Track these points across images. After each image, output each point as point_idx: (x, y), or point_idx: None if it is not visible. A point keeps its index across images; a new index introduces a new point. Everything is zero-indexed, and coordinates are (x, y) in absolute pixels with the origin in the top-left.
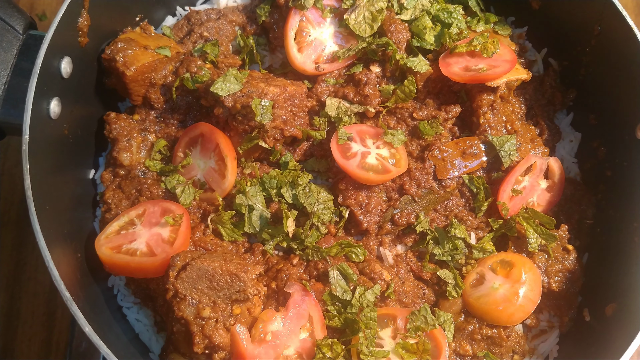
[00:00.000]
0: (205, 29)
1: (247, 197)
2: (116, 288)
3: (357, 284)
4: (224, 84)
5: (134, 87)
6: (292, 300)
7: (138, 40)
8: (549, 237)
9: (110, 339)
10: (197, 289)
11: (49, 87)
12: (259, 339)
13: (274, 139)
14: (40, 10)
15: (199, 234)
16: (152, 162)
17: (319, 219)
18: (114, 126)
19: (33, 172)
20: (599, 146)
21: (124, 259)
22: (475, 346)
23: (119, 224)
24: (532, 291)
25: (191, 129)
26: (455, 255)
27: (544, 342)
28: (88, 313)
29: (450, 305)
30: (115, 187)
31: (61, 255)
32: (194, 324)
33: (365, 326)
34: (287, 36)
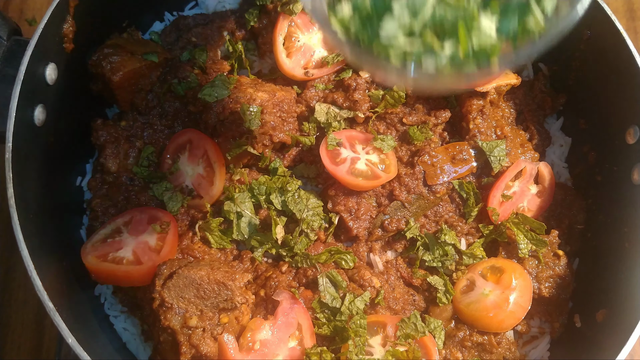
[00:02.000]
0: (194, 35)
1: (236, 203)
2: (103, 296)
3: (347, 291)
4: (212, 89)
5: (121, 94)
6: (280, 308)
7: (125, 46)
8: (539, 243)
9: (96, 349)
10: (184, 297)
11: (33, 94)
12: (247, 348)
13: (263, 145)
14: (30, 15)
15: (186, 242)
16: (140, 169)
17: (308, 225)
18: (101, 133)
19: (17, 180)
20: (589, 151)
21: (110, 267)
22: (466, 353)
23: (105, 232)
24: (523, 297)
25: (179, 135)
26: (445, 261)
27: (535, 349)
28: (72, 323)
29: (440, 312)
30: (102, 194)
31: (45, 265)
32: (180, 333)
33: (354, 334)
34: (276, 41)
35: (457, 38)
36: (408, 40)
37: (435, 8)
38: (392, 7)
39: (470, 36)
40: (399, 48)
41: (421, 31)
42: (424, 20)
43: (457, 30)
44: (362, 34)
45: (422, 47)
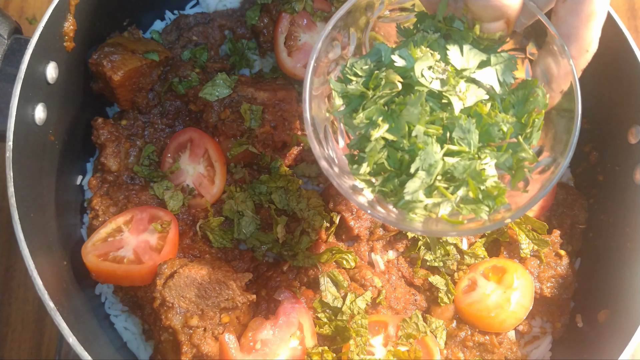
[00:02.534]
0: (195, 33)
1: (237, 203)
2: (104, 296)
3: (348, 291)
4: (213, 88)
5: (122, 92)
6: (282, 307)
7: (126, 44)
8: (541, 243)
9: (96, 349)
10: (185, 297)
11: (34, 93)
12: (248, 347)
13: (264, 144)
14: (31, 14)
15: (187, 241)
16: (140, 168)
17: (309, 224)
18: (102, 132)
19: (17, 179)
20: (591, 150)
21: (111, 266)
22: (468, 353)
23: (106, 231)
24: (524, 297)
25: (180, 134)
26: (447, 261)
27: (536, 349)
28: (73, 323)
29: (442, 311)
30: (102, 193)
31: (46, 264)
32: (181, 332)
33: (356, 333)
34: (277, 40)
35: (466, 185)
36: (425, 194)
37: (444, 162)
38: (410, 170)
39: (478, 185)
40: (421, 203)
41: (435, 184)
42: (437, 175)
43: (465, 179)
44: (385, 186)
45: (439, 198)
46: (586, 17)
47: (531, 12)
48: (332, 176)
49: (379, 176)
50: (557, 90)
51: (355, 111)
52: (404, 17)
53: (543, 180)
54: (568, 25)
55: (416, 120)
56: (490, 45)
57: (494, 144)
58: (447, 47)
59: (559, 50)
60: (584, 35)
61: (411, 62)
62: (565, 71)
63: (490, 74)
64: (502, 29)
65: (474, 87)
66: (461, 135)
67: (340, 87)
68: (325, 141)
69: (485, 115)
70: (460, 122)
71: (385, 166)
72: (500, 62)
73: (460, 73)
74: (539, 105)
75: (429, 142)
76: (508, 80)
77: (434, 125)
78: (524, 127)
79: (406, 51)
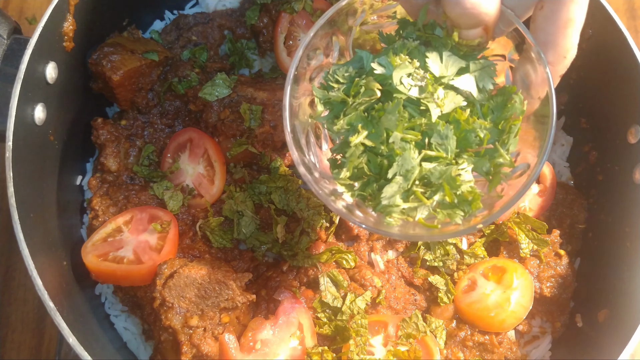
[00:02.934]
0: (194, 33)
1: (236, 203)
2: (104, 296)
3: (348, 291)
4: (213, 88)
5: (121, 92)
6: (281, 307)
7: (125, 44)
8: (540, 242)
9: (96, 349)
10: (185, 297)
11: (33, 93)
12: (248, 347)
13: (264, 144)
14: (30, 14)
15: (187, 241)
16: (140, 168)
17: (309, 224)
18: (101, 132)
19: (17, 179)
20: (591, 150)
21: (111, 266)
22: (467, 353)
23: (106, 231)
24: (524, 297)
25: (179, 134)
26: (446, 260)
27: (536, 348)
28: (73, 323)
29: (442, 311)
30: (102, 193)
31: (46, 264)
32: (181, 332)
33: (355, 333)
34: (277, 40)
35: (442, 190)
36: (402, 199)
37: (421, 167)
38: (387, 175)
39: (454, 190)
40: (398, 207)
41: (412, 189)
42: (414, 180)
43: (441, 184)
44: (364, 191)
45: (416, 202)
46: (563, 24)
47: (509, 20)
48: (310, 182)
49: (359, 180)
50: (535, 96)
51: (337, 117)
52: (387, 24)
53: (519, 184)
54: (545, 33)
55: (394, 127)
56: (470, 52)
57: (472, 149)
58: (426, 54)
59: (535, 57)
60: (562, 42)
61: (390, 69)
62: (542, 78)
63: (469, 80)
64: (480, 36)
65: (453, 93)
66: (439, 141)
67: (322, 93)
68: (307, 147)
69: (463, 122)
70: (438, 128)
71: (365, 171)
72: (479, 69)
73: (439, 80)
74: (516, 112)
75: (406, 148)
76: (487, 87)
77: (412, 131)
78: (501, 133)
79: (385, 59)
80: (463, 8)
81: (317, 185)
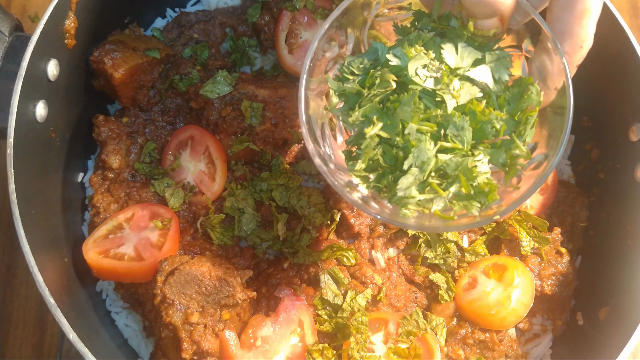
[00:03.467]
0: (195, 31)
1: (237, 200)
2: (105, 293)
3: (348, 288)
4: (214, 86)
5: (123, 90)
6: (282, 304)
7: (127, 42)
8: (541, 240)
9: (97, 346)
10: (186, 294)
11: (35, 90)
12: (248, 344)
13: (265, 142)
14: (33, 12)
15: (188, 238)
16: (142, 165)
17: (310, 222)
18: (103, 129)
19: (18, 176)
20: (592, 148)
21: (112, 263)
22: (468, 350)
23: (107, 228)
24: (525, 295)
25: (181, 131)
26: (447, 258)
27: (537, 346)
28: (74, 319)
29: (442, 309)
30: (104, 190)
31: (47, 261)
32: (182, 329)
33: (356, 331)
34: (278, 38)
35: (459, 182)
36: (418, 190)
37: (436, 158)
38: (403, 167)
39: (470, 182)
40: (413, 199)
41: (428, 180)
42: (430, 171)
43: (457, 176)
44: (380, 182)
45: (432, 194)
46: (579, 14)
47: (525, 10)
48: (325, 173)
49: (374, 172)
50: (552, 87)
51: (352, 109)
52: (402, 15)
53: (535, 176)
54: (562, 22)
55: (409, 118)
56: (485, 43)
57: (488, 141)
58: (441, 45)
59: (552, 47)
60: (578, 32)
61: (405, 61)
62: (558, 69)
63: (484, 71)
64: (496, 26)
65: (468, 85)
66: (455, 132)
67: (337, 85)
68: (322, 139)
69: (478, 113)
70: (454, 120)
71: (380, 162)
72: (494, 60)
73: (455, 71)
74: (532, 103)
75: (422, 139)
76: (503, 78)
77: (428, 122)
78: (518, 124)
79: (400, 50)
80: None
81: (332, 176)
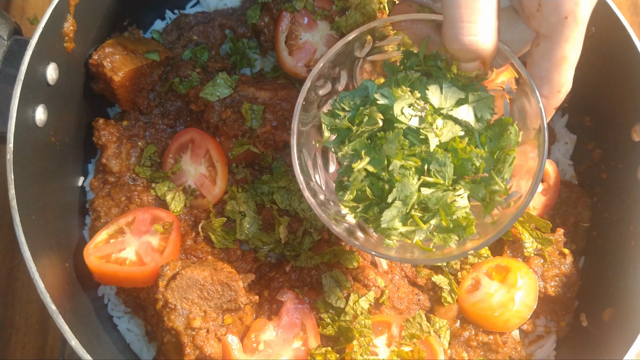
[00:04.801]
0: (195, 33)
1: (239, 203)
2: (106, 297)
3: (351, 291)
4: (214, 88)
5: (123, 93)
6: (284, 308)
7: (126, 45)
8: (544, 241)
9: (100, 351)
10: (188, 298)
11: (34, 94)
12: (251, 348)
13: (265, 144)
14: (32, 14)
15: (189, 242)
16: (142, 169)
17: (311, 224)
18: (103, 132)
19: (18, 181)
20: (595, 148)
21: (113, 268)
22: (472, 353)
23: (108, 232)
24: (528, 296)
25: (181, 134)
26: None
27: (541, 348)
28: (75, 325)
29: (445, 311)
30: (104, 194)
31: (48, 266)
32: (184, 334)
33: (359, 334)
34: (278, 39)
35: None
36: (401, 222)
37: (419, 193)
38: (387, 199)
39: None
40: (396, 230)
41: (410, 213)
42: (412, 204)
43: (438, 210)
44: (366, 213)
45: (414, 226)
46: (558, 61)
47: (505, 55)
48: (313, 205)
49: (362, 202)
50: (531, 127)
51: (343, 143)
52: (393, 53)
53: (510, 212)
54: (541, 68)
55: (394, 155)
56: (469, 83)
57: (469, 177)
58: (427, 86)
59: (529, 91)
60: (556, 78)
61: (392, 100)
62: (535, 111)
63: (467, 110)
64: (478, 69)
65: (451, 123)
66: (437, 168)
67: (329, 120)
68: (313, 169)
69: (460, 150)
70: (437, 156)
71: (367, 194)
72: (477, 100)
73: (438, 111)
74: (511, 143)
75: (406, 174)
76: (485, 117)
77: (413, 157)
78: (497, 161)
79: (388, 90)
80: (461, 44)
81: (319, 208)
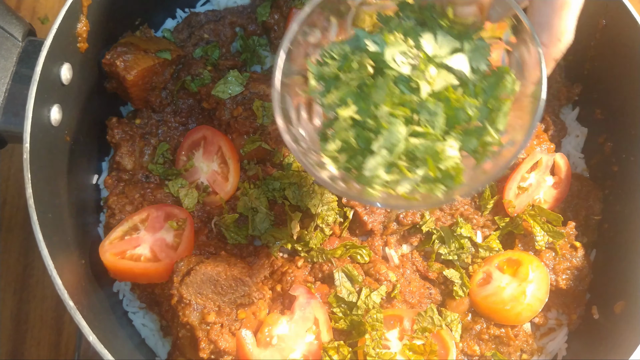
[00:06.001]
0: (206, 31)
1: (251, 199)
2: (122, 293)
3: (363, 286)
4: (225, 86)
5: (135, 91)
6: (297, 303)
7: (138, 44)
8: (556, 235)
9: (116, 346)
10: (202, 294)
11: (49, 94)
12: (265, 342)
13: (277, 141)
14: (43, 14)
15: (203, 238)
16: (155, 166)
17: (323, 220)
18: (116, 131)
19: (34, 180)
20: (606, 141)
21: (128, 264)
22: (483, 346)
23: (122, 229)
24: (540, 289)
25: (193, 132)
26: (461, 254)
27: (552, 341)
28: (92, 320)
29: (457, 305)
30: (118, 192)
31: (65, 263)
32: (199, 329)
33: (371, 328)
34: None
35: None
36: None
37: (407, 142)
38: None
39: (437, 165)
40: (380, 179)
41: (396, 162)
42: (399, 154)
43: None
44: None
45: (399, 175)
46: (559, 6)
47: (506, 2)
48: (294, 150)
49: (346, 153)
50: (530, 80)
51: (330, 92)
52: (387, 5)
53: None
54: (541, 14)
55: (382, 101)
56: (465, 32)
57: (460, 127)
58: (420, 34)
59: (529, 39)
60: (557, 24)
61: (383, 47)
62: (535, 60)
63: (462, 60)
64: (475, 14)
65: (445, 72)
66: (427, 117)
67: (316, 69)
68: (297, 120)
69: (453, 100)
70: (427, 105)
71: (352, 144)
72: (473, 49)
73: (432, 59)
74: (507, 92)
75: (393, 123)
76: (480, 67)
77: (403, 107)
78: (491, 111)
79: (379, 36)
80: None
81: (301, 154)
